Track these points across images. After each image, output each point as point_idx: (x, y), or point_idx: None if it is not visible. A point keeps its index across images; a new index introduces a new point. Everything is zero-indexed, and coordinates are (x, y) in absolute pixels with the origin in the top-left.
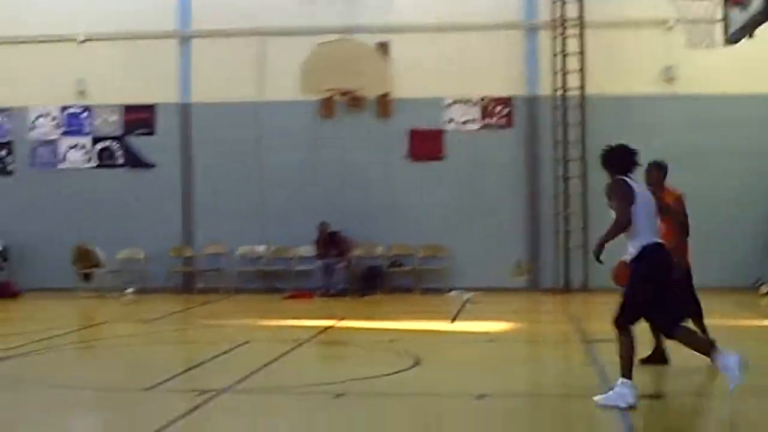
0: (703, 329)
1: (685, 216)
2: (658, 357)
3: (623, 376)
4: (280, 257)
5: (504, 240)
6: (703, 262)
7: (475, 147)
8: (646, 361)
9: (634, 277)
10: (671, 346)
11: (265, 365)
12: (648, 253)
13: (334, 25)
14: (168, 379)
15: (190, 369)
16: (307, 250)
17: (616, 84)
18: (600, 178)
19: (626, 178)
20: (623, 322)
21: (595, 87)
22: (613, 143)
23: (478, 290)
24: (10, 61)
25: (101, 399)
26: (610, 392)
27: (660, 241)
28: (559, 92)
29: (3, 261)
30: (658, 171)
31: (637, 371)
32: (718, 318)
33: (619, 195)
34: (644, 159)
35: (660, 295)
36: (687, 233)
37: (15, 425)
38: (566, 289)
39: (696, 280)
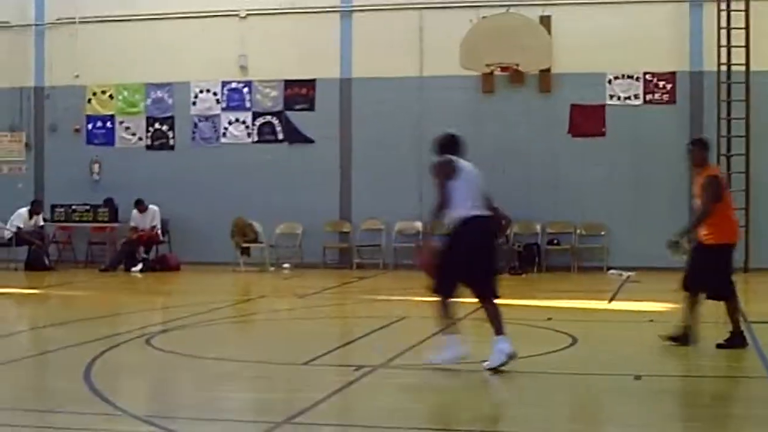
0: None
1: (714, 195)
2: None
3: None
4: (438, 233)
5: (665, 218)
6: None
7: (637, 123)
8: (722, 346)
9: (450, 247)
10: None
11: (421, 341)
12: (463, 224)
13: None
14: (325, 354)
15: (346, 344)
16: None
17: None
18: (765, 156)
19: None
20: (440, 291)
21: (760, 62)
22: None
23: (638, 269)
24: (173, 37)
25: (259, 372)
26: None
27: (480, 213)
28: (724, 68)
29: (164, 234)
30: (700, 149)
31: None
32: None
33: (438, 172)
34: None
35: (474, 263)
36: (708, 212)
37: (176, 396)
38: None
39: None
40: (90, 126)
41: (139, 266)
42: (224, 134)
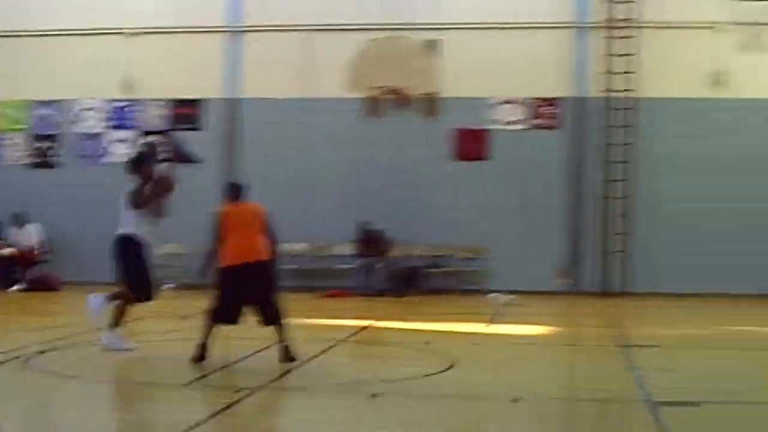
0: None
1: (212, 232)
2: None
3: None
4: (320, 255)
5: (546, 242)
6: (738, 269)
7: (521, 148)
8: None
9: None
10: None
11: (302, 364)
12: None
13: (383, 21)
14: (205, 376)
15: (226, 366)
16: (347, 248)
17: (665, 87)
18: (646, 182)
19: None
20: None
21: (644, 89)
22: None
23: (518, 293)
24: (58, 54)
25: (139, 394)
26: None
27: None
28: (608, 94)
29: (45, 253)
30: (225, 194)
31: None
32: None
33: None
34: (693, 162)
35: None
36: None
37: (53, 418)
38: (606, 292)
39: (730, 288)
40: None
41: (18, 285)
42: (108, 153)
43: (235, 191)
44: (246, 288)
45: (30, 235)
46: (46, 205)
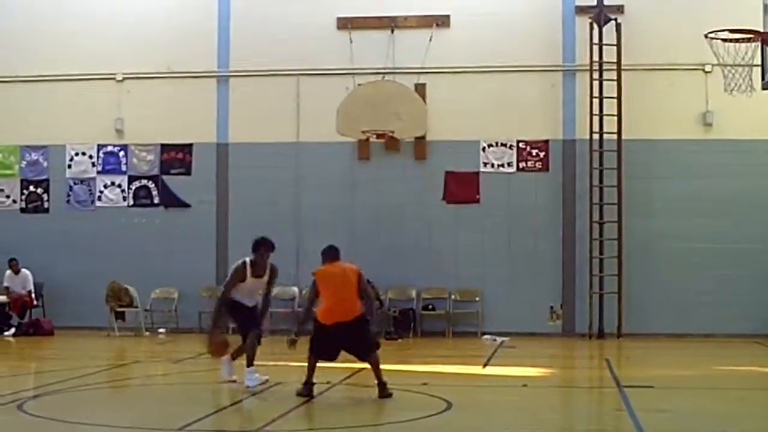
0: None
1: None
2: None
3: None
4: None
5: (538, 284)
6: (730, 309)
7: (511, 190)
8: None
9: None
10: None
11: (296, 407)
12: None
13: (371, 66)
14: (199, 419)
15: (220, 410)
16: None
17: (653, 128)
18: (636, 224)
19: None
20: None
21: (632, 131)
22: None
23: (512, 335)
24: (49, 99)
25: None
26: None
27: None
28: (596, 136)
29: (38, 299)
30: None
31: None
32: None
33: None
34: (683, 204)
35: None
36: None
37: None
38: (600, 334)
39: (723, 328)
40: None
41: (12, 330)
42: (100, 198)
43: (332, 253)
44: (337, 342)
45: (23, 282)
46: (38, 250)
